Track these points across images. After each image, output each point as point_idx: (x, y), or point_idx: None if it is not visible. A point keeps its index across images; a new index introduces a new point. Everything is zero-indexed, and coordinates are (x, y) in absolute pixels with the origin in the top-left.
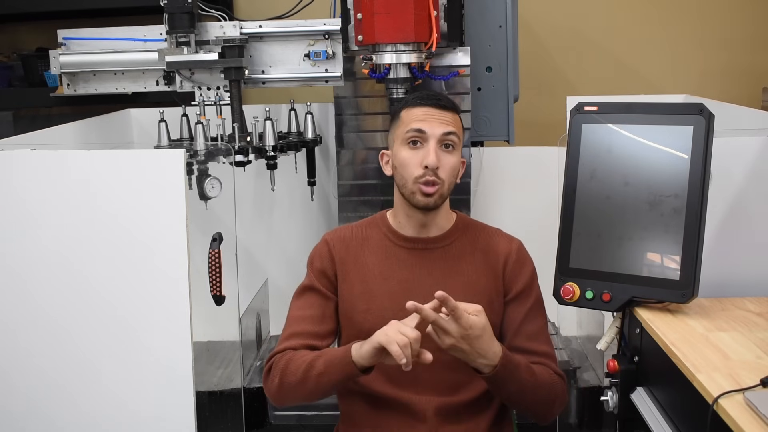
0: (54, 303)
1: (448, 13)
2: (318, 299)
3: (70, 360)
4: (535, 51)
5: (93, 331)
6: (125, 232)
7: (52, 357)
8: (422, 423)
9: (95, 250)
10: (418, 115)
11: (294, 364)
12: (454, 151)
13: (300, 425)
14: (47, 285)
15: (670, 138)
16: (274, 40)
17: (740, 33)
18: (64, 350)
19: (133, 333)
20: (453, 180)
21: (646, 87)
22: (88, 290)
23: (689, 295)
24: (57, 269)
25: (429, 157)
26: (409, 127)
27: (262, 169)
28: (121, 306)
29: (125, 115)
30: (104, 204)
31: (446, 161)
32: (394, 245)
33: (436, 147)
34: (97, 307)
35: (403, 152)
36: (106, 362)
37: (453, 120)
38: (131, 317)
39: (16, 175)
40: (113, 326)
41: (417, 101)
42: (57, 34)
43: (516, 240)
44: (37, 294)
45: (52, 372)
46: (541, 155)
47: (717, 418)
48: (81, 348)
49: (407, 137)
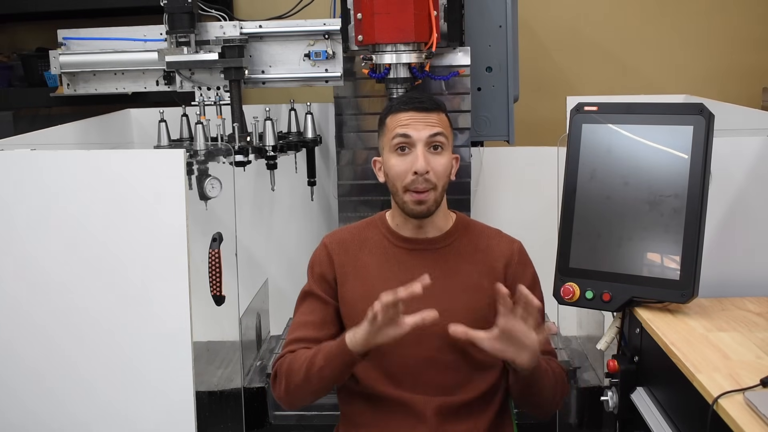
0: (53, 303)
1: (448, 13)
2: (318, 305)
3: (70, 360)
4: (535, 51)
5: (93, 331)
6: (125, 232)
7: (52, 357)
8: (422, 423)
9: (95, 249)
10: (402, 120)
11: (296, 364)
12: (443, 152)
13: (300, 425)
14: (47, 285)
15: (670, 138)
16: (274, 40)
17: (740, 33)
18: (64, 350)
19: (133, 333)
20: (446, 180)
21: (646, 87)
22: (87, 290)
23: (689, 295)
24: (57, 269)
25: (417, 162)
26: (394, 134)
27: (262, 169)
28: (121, 306)
29: (125, 115)
30: (104, 204)
31: (436, 163)
32: (393, 246)
33: (424, 150)
34: (97, 308)
35: (392, 160)
36: (106, 362)
37: (438, 120)
38: (131, 317)
39: (16, 175)
40: (113, 326)
41: (400, 106)
42: (57, 34)
43: (517, 241)
44: (37, 294)
45: (52, 372)
46: (541, 155)
47: (717, 418)
48: (81, 348)
49: (394, 144)
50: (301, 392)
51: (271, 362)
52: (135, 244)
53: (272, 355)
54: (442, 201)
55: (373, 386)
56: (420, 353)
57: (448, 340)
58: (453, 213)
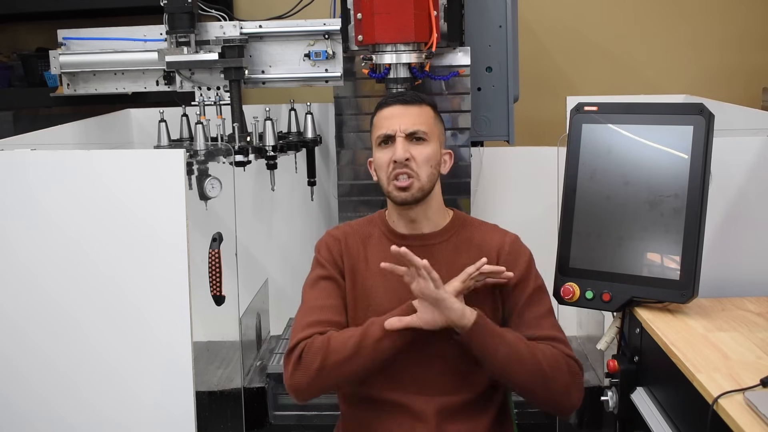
0: (54, 303)
1: (448, 13)
2: (335, 288)
3: (70, 360)
4: (535, 51)
5: (93, 331)
6: (125, 232)
7: (52, 357)
8: (422, 423)
9: (95, 250)
10: (385, 116)
11: (337, 341)
12: (426, 142)
13: (300, 425)
14: (47, 285)
15: (670, 138)
16: (274, 40)
17: (740, 33)
18: (64, 350)
19: (133, 333)
20: (431, 170)
21: (646, 87)
22: (87, 290)
23: (689, 295)
24: (57, 269)
25: (396, 152)
26: (378, 130)
27: (262, 169)
28: (121, 306)
29: (125, 115)
30: (104, 204)
31: (418, 152)
32: (392, 242)
33: (404, 141)
34: (97, 308)
35: (377, 153)
36: (107, 362)
37: (419, 112)
38: (131, 317)
39: (16, 175)
40: (113, 326)
41: (383, 104)
42: (57, 34)
43: (511, 234)
44: (36, 294)
45: (53, 372)
46: (541, 155)
47: (717, 418)
48: (81, 348)
49: (377, 140)
50: (338, 371)
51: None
52: (135, 244)
53: (272, 355)
54: (430, 190)
55: (373, 386)
56: (420, 354)
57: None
58: (451, 210)
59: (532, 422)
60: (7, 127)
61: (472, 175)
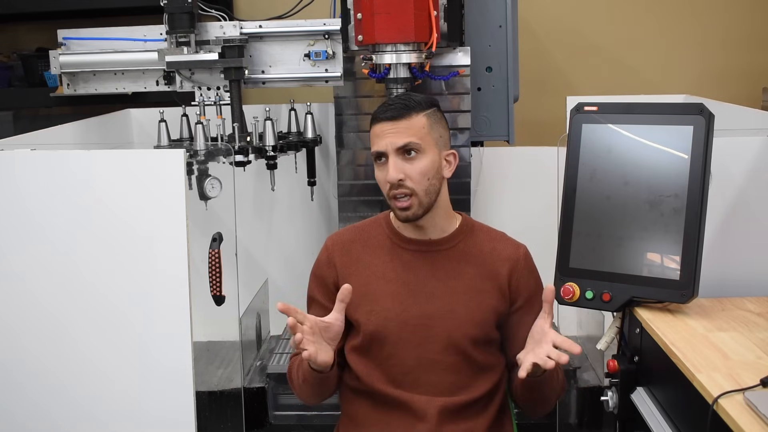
0: (54, 303)
1: (448, 13)
2: (318, 310)
3: (70, 360)
4: (535, 51)
5: (93, 332)
6: (125, 232)
7: (52, 357)
8: (423, 423)
9: (95, 250)
10: (375, 133)
11: (292, 372)
12: (420, 154)
13: (300, 425)
14: (47, 285)
15: (670, 138)
16: (274, 40)
17: (740, 33)
18: (64, 350)
19: (133, 333)
20: (428, 183)
21: (646, 87)
22: (88, 290)
23: (689, 295)
24: (57, 269)
25: (389, 174)
26: (372, 146)
27: (262, 169)
28: (121, 306)
29: (125, 115)
30: (104, 204)
31: (411, 169)
32: (397, 246)
33: (396, 160)
34: (97, 308)
35: (376, 171)
36: (107, 362)
37: (408, 125)
38: (131, 317)
39: (16, 175)
40: (113, 326)
41: (374, 119)
42: (57, 34)
43: (522, 246)
44: (37, 294)
45: (52, 372)
46: (541, 155)
47: (717, 418)
48: (81, 348)
49: (373, 157)
50: (303, 396)
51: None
52: (135, 244)
53: (272, 355)
54: (432, 204)
55: (375, 386)
56: (422, 355)
57: (451, 342)
58: (459, 215)
59: (532, 422)
60: (7, 127)
61: (472, 175)
